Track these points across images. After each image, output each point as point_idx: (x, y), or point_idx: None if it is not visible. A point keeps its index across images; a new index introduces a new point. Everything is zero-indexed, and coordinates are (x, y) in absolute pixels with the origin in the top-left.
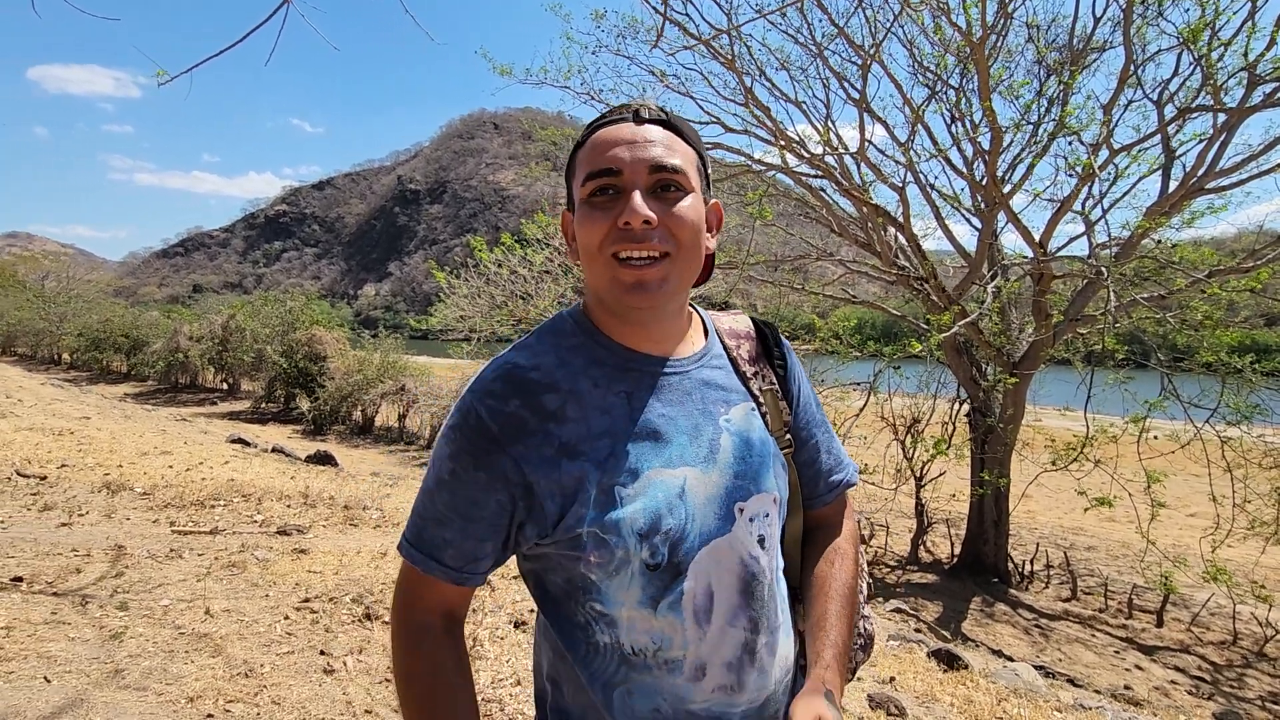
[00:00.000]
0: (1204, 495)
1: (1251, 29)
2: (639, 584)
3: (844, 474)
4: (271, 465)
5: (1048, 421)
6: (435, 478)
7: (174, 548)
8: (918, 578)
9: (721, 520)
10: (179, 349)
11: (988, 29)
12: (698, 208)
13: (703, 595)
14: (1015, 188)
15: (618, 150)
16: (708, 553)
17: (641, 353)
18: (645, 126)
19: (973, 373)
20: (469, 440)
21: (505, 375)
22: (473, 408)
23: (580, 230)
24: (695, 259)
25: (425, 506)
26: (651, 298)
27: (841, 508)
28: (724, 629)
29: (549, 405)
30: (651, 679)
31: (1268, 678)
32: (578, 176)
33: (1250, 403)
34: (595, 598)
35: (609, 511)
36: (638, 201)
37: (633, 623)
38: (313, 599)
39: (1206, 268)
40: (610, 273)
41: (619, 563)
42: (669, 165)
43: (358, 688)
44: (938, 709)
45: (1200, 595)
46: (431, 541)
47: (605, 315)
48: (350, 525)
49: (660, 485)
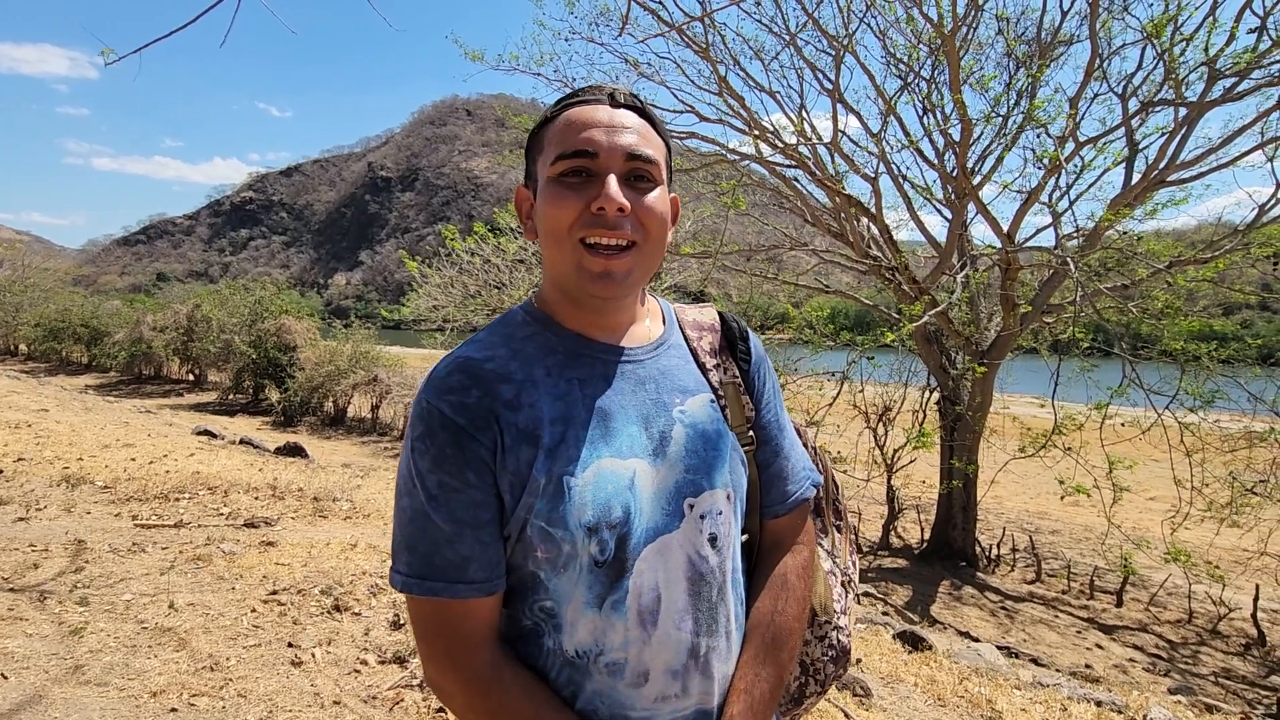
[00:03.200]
0: (1164, 479)
1: (1212, 24)
2: (585, 581)
3: (799, 488)
4: (239, 457)
5: (1015, 409)
6: (424, 496)
7: (136, 542)
8: (889, 562)
9: (669, 516)
10: (142, 339)
11: (958, 21)
12: (665, 200)
13: (648, 595)
14: (985, 179)
15: (594, 132)
16: (654, 550)
17: (595, 340)
18: (621, 111)
19: (943, 361)
20: (444, 443)
21: (460, 368)
22: (434, 407)
23: (547, 209)
24: (660, 251)
25: (422, 532)
26: (616, 288)
27: (798, 526)
28: (669, 632)
29: (505, 394)
30: (592, 684)
31: (1221, 654)
32: (546, 153)
33: (1208, 390)
34: (544, 596)
35: (557, 503)
36: (614, 188)
37: (576, 623)
38: (280, 591)
39: (1167, 258)
40: (576, 258)
41: (566, 558)
42: (644, 155)
43: (326, 679)
44: (902, 689)
45: (1158, 576)
46: (449, 564)
47: (561, 301)
48: (320, 517)
49: (609, 477)
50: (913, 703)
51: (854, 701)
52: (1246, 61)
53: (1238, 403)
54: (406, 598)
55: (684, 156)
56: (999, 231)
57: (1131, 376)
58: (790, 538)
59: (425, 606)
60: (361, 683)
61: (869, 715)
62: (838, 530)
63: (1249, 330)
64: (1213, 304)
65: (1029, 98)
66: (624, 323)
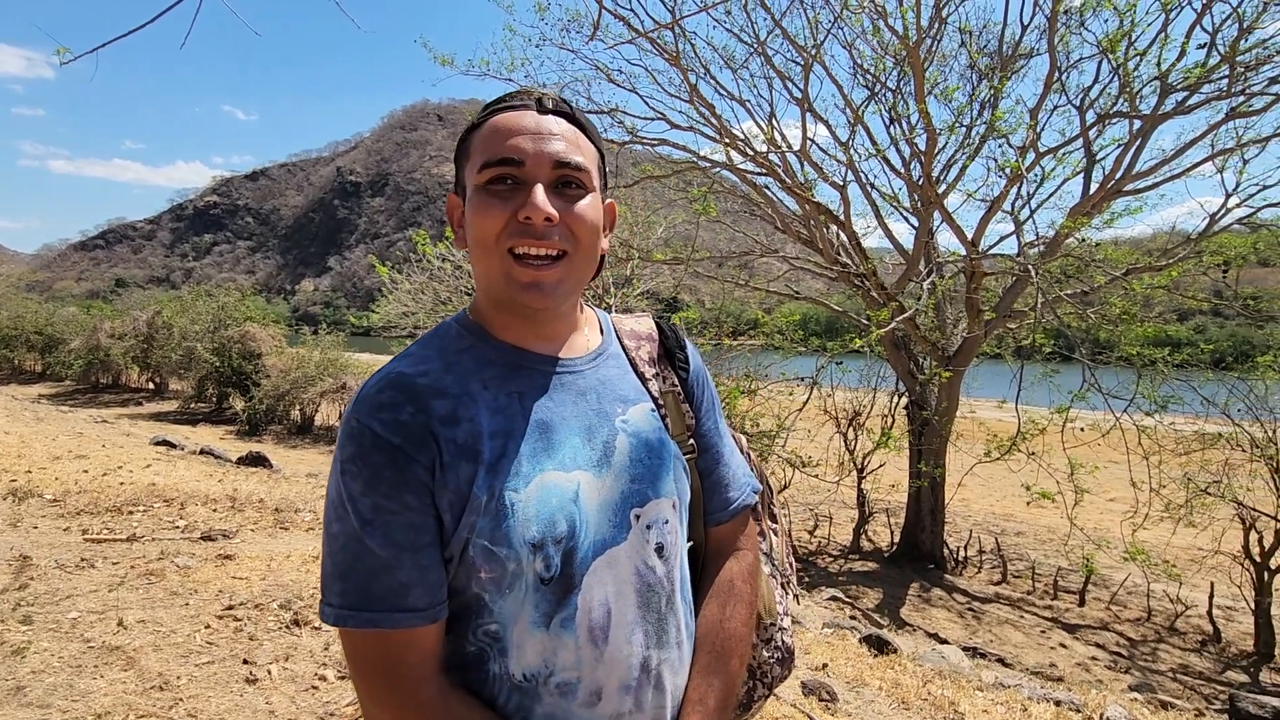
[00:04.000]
0: (1123, 481)
1: (1164, 40)
2: (532, 600)
3: (741, 495)
4: (198, 468)
5: (981, 413)
6: (358, 522)
7: (85, 557)
8: (859, 566)
9: (616, 528)
10: (100, 347)
11: (923, 33)
12: (597, 207)
13: (599, 610)
14: (949, 188)
15: (520, 140)
16: (603, 563)
17: (533, 352)
18: (549, 118)
19: (910, 367)
20: (378, 464)
21: (392, 385)
22: (366, 427)
23: (474, 219)
24: (592, 260)
25: (356, 558)
26: (546, 298)
27: (740, 531)
28: (620, 647)
29: (441, 410)
30: (543, 707)
31: (1178, 651)
32: (473, 160)
33: (1164, 394)
34: (488, 619)
35: (500, 520)
36: (540, 197)
37: (523, 645)
38: (237, 606)
39: (1124, 266)
40: (504, 268)
41: (511, 577)
42: (573, 163)
43: (282, 696)
44: (866, 693)
45: (1119, 575)
46: (387, 592)
47: (495, 312)
48: (280, 528)
49: (553, 490)
50: (877, 706)
51: (819, 706)
52: (1196, 76)
53: (1192, 406)
54: (341, 633)
55: (655, 163)
56: (964, 239)
57: (1091, 381)
58: (733, 544)
59: (363, 640)
60: (319, 699)
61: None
62: (774, 534)
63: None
64: (1167, 310)
65: (991, 109)
66: (561, 333)
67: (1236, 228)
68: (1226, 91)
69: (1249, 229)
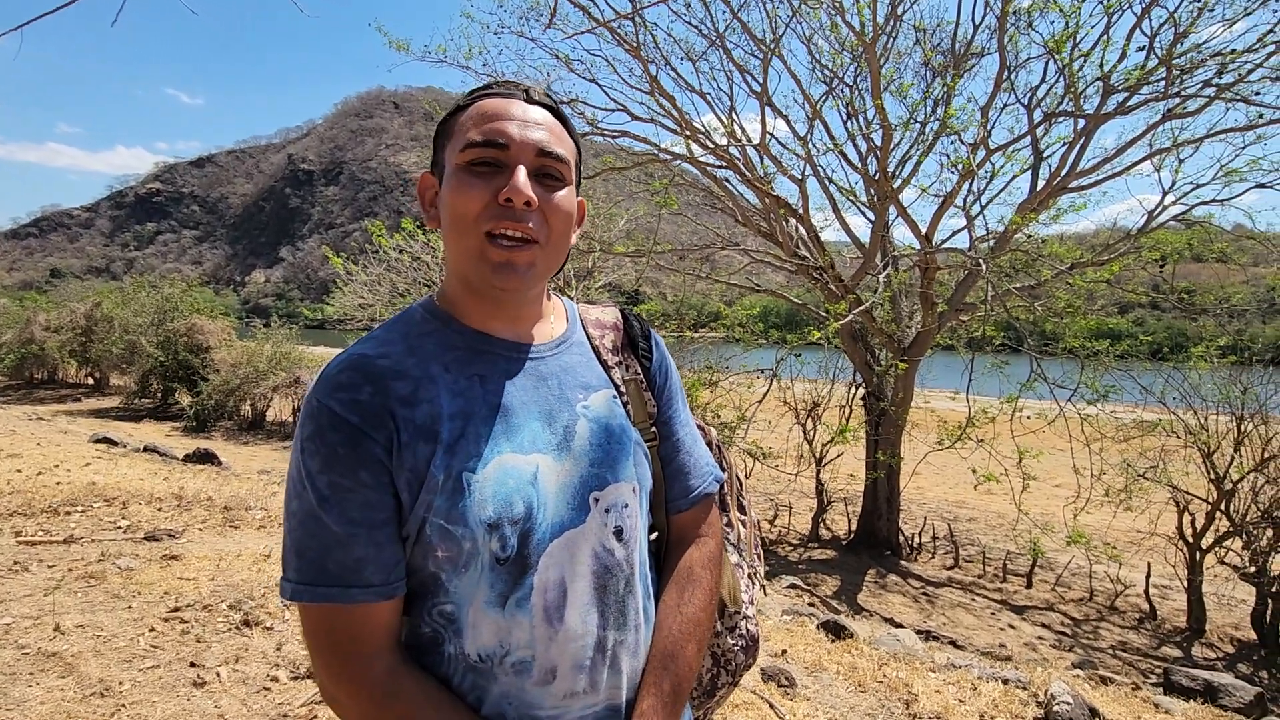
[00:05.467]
0: (1068, 468)
1: (1106, 42)
2: (487, 580)
3: (702, 483)
4: (142, 466)
5: (935, 403)
6: (315, 498)
7: (19, 560)
8: (818, 554)
9: (575, 510)
10: (34, 340)
11: (879, 29)
12: (572, 201)
13: (554, 591)
14: (904, 183)
15: (507, 124)
16: (560, 545)
17: (496, 337)
18: (535, 108)
19: (867, 358)
20: (335, 443)
21: (352, 366)
22: (324, 406)
23: (453, 197)
24: (562, 251)
25: (313, 534)
26: (518, 280)
27: (701, 519)
28: (575, 626)
29: (400, 391)
30: (498, 687)
31: (1118, 629)
32: (455, 140)
33: (1105, 383)
34: (444, 599)
35: (457, 500)
36: (523, 179)
37: (479, 625)
38: (183, 608)
39: (1069, 261)
40: (480, 248)
41: (467, 556)
42: (555, 153)
43: (232, 699)
44: (825, 677)
45: (1063, 558)
46: (342, 568)
47: (462, 295)
48: (230, 527)
49: (511, 472)
50: (835, 690)
51: (779, 692)
52: (1136, 78)
53: (1131, 395)
54: (299, 607)
55: (616, 155)
56: (918, 233)
57: (1038, 371)
58: (694, 531)
59: (318, 614)
60: (272, 701)
61: (793, 705)
62: (742, 525)
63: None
64: (1109, 303)
65: (944, 106)
66: (526, 319)
67: (1172, 224)
68: (1164, 93)
69: (1184, 226)
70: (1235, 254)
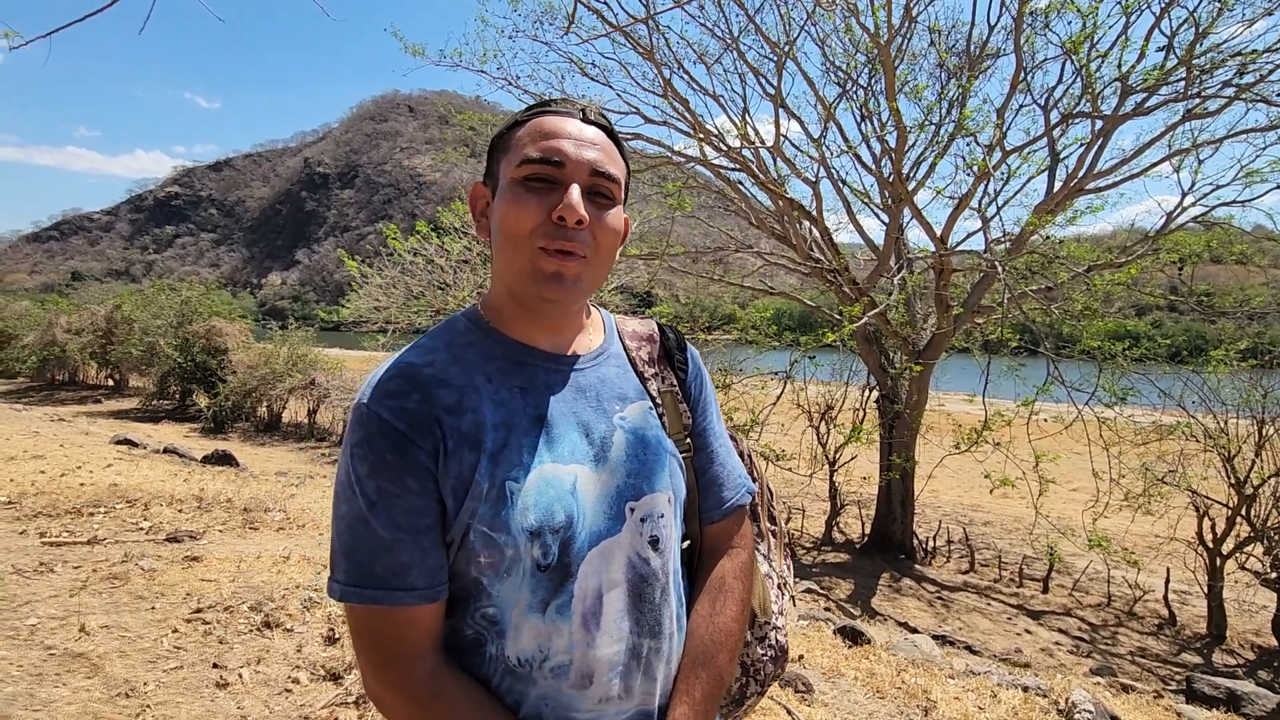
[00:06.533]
0: (1086, 471)
1: (1125, 42)
2: (529, 586)
3: (735, 495)
4: (162, 467)
5: (950, 406)
6: (364, 503)
7: (44, 561)
8: (832, 557)
9: (611, 520)
10: (55, 342)
11: (894, 31)
12: (620, 220)
13: (592, 598)
14: (919, 185)
15: (563, 143)
16: (597, 553)
17: (537, 349)
18: (590, 127)
19: (882, 361)
20: (383, 449)
21: (399, 374)
22: (373, 413)
23: (507, 211)
24: (608, 267)
25: (361, 539)
26: (566, 291)
27: (734, 530)
28: (612, 633)
29: (446, 399)
30: (536, 690)
31: (1136, 634)
32: (512, 155)
33: (1123, 386)
34: (486, 603)
35: (500, 508)
36: (576, 197)
37: (520, 629)
38: (205, 609)
39: (1086, 263)
40: (531, 260)
41: (509, 563)
42: (608, 173)
43: (255, 700)
44: (842, 683)
45: (1080, 563)
46: (389, 572)
47: (507, 307)
48: (250, 529)
49: (552, 482)
50: (853, 696)
51: (796, 698)
52: (1155, 78)
53: (1149, 398)
54: (345, 608)
55: (630, 158)
56: (933, 236)
57: (1055, 374)
58: (726, 542)
59: (365, 615)
60: (293, 703)
61: (811, 711)
62: (772, 535)
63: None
64: (1127, 306)
65: (959, 107)
66: (567, 331)
67: (1191, 226)
68: (1183, 94)
69: (1203, 227)
70: (1255, 256)
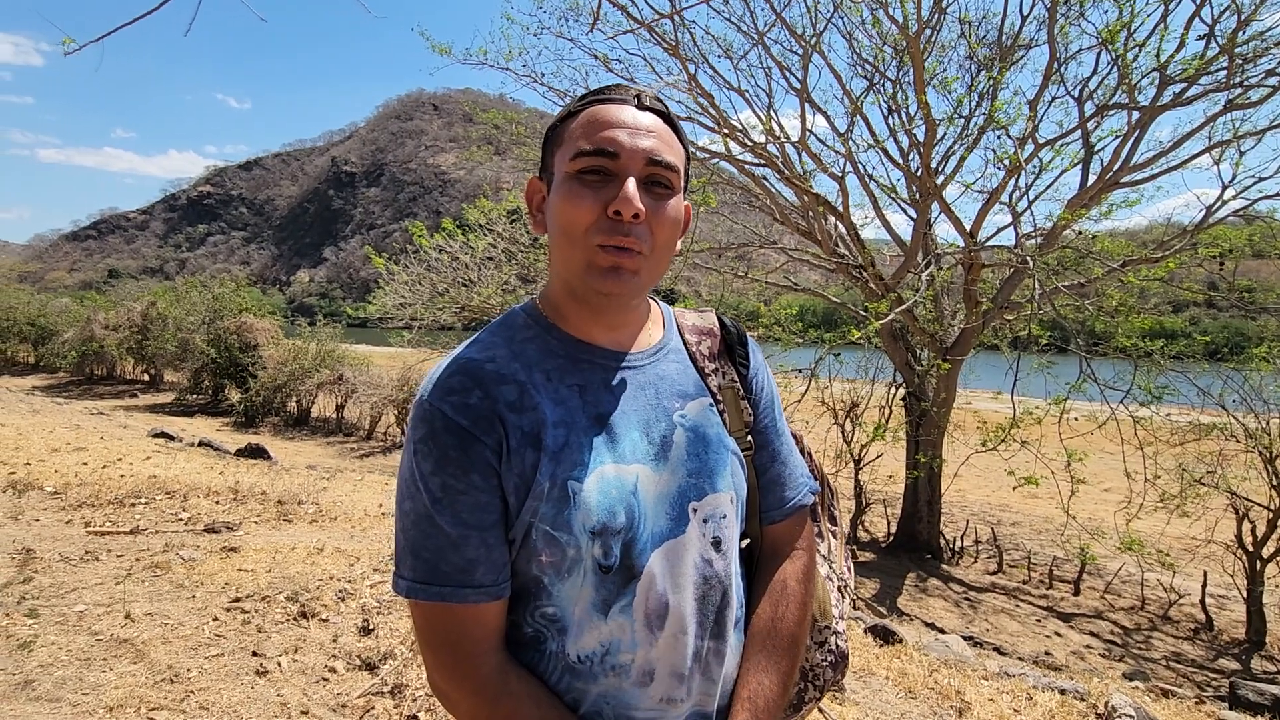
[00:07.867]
0: (1119, 472)
1: (1163, 31)
2: (591, 585)
3: (797, 494)
4: (198, 460)
5: (978, 404)
6: (428, 499)
7: (89, 549)
8: (857, 556)
9: (674, 521)
10: (94, 338)
11: (923, 23)
12: (679, 209)
13: (656, 599)
14: (948, 179)
15: (617, 133)
16: (661, 554)
17: (596, 345)
18: (645, 114)
19: (908, 358)
20: (447, 445)
21: (462, 369)
22: (436, 409)
23: (563, 206)
24: (668, 260)
25: (426, 535)
26: (623, 285)
27: (796, 532)
28: (675, 635)
29: (507, 396)
30: (597, 687)
31: (1171, 639)
32: (566, 148)
33: (1159, 385)
34: (546, 601)
35: (562, 507)
36: (632, 190)
37: (582, 629)
38: (244, 599)
39: (1121, 258)
40: (589, 256)
41: (570, 562)
42: (666, 161)
43: (293, 688)
44: (874, 682)
45: (1113, 565)
46: (455, 569)
47: (565, 302)
48: (284, 521)
49: (613, 482)
50: (885, 696)
51: (828, 697)
52: (1195, 67)
53: (1187, 397)
54: (410, 604)
55: None
56: (962, 230)
57: (1087, 372)
58: (789, 543)
59: (431, 612)
60: (330, 691)
61: (843, 710)
62: (833, 536)
63: (1197, 327)
64: (1163, 302)
65: (990, 100)
66: (626, 327)
67: (1232, 220)
68: (1224, 83)
69: (1245, 221)
70: None
